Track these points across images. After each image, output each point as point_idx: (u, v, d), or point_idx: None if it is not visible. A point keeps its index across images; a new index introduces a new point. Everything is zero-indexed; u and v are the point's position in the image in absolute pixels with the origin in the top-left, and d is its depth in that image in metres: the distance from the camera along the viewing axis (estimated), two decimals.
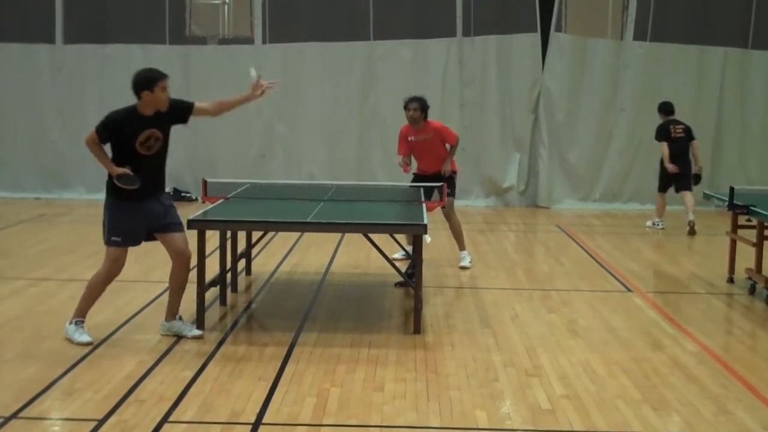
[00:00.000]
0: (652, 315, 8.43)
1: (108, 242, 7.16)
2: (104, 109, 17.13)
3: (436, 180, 9.84)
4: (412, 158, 10.44)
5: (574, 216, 15.34)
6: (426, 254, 8.28)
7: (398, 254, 10.08)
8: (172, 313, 7.38)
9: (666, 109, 13.93)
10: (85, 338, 7.07)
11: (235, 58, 16.26)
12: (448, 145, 10.45)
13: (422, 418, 5.63)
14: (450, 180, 10.23)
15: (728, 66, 16.36)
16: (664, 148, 13.66)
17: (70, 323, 7.18)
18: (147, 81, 7.41)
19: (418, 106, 10.29)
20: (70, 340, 7.07)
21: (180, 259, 7.29)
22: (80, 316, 7.20)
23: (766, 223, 8.89)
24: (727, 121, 16.39)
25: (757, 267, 9.09)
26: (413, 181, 10.43)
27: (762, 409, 5.89)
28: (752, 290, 9.17)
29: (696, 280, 10.05)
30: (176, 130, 7.56)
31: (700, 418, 5.68)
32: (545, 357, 6.97)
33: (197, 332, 7.33)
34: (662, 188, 13.91)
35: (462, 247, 10.64)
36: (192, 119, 7.70)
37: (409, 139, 10.33)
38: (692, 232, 13.23)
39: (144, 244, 7.50)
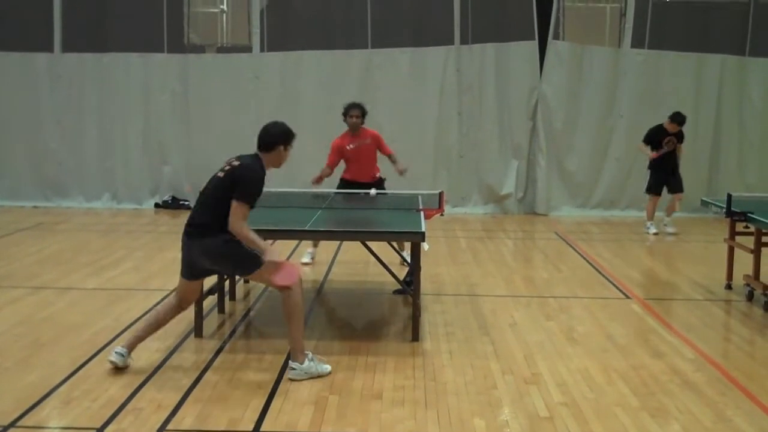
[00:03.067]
0: (650, 322, 8.43)
1: (260, 262, 6.45)
2: (103, 117, 17.18)
3: (366, 188, 10.24)
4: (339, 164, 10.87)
5: (572, 223, 15.35)
6: (424, 261, 8.27)
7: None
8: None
9: (679, 120, 13.86)
10: None
11: (234, 67, 16.32)
12: (389, 155, 10.88)
13: (420, 426, 5.63)
14: (381, 185, 10.70)
15: (726, 73, 16.38)
16: (644, 148, 14.06)
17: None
18: (287, 136, 6.95)
19: (359, 113, 10.74)
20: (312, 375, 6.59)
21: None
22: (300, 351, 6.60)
23: (763, 230, 8.90)
24: (725, 128, 16.41)
25: (755, 273, 9.10)
26: (340, 186, 10.75)
27: (761, 416, 5.90)
28: (750, 297, 9.18)
29: (694, 287, 10.05)
30: (175, 137, 7.58)
31: (698, 425, 5.68)
32: (543, 364, 6.97)
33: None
34: (655, 190, 14.10)
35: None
36: (188, 126, 7.77)
37: (348, 147, 10.71)
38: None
39: (146, 252, 7.48)
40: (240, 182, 6.48)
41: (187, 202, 16.00)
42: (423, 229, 7.56)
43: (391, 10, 16.49)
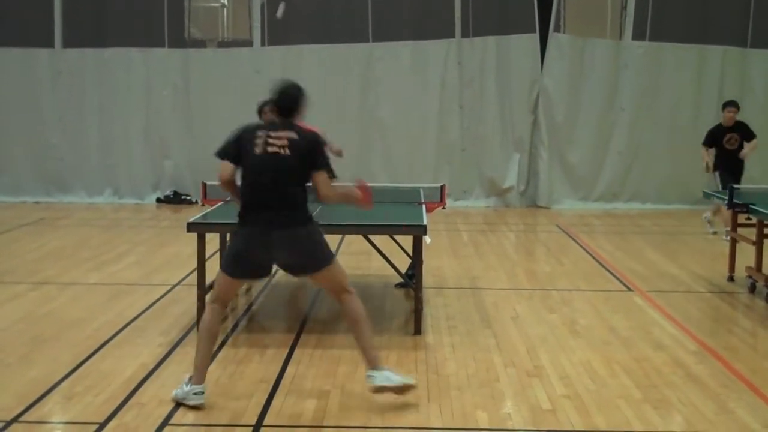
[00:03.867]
0: (652, 314, 8.42)
1: (331, 257, 6.02)
2: (104, 112, 17.20)
3: None
4: None
5: (574, 216, 15.34)
6: (426, 255, 8.27)
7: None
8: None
9: (731, 106, 12.71)
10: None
11: (235, 61, 16.32)
12: None
13: (423, 419, 5.63)
14: None
15: (727, 65, 16.35)
16: (705, 154, 12.71)
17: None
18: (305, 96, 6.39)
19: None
20: None
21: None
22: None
23: (765, 222, 8.89)
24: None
25: (757, 265, 9.09)
26: None
27: (763, 408, 5.89)
28: (752, 289, 9.17)
29: (696, 279, 10.04)
30: (176, 132, 7.54)
31: (701, 417, 5.68)
32: (546, 357, 6.97)
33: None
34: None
35: None
36: (189, 121, 7.65)
37: None
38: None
39: (148, 247, 7.46)
40: (316, 150, 5.93)
41: (189, 197, 16.00)
42: (425, 223, 7.57)
43: (392, 3, 16.49)
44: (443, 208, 9.73)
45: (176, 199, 16.09)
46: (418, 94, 16.14)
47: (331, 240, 11.16)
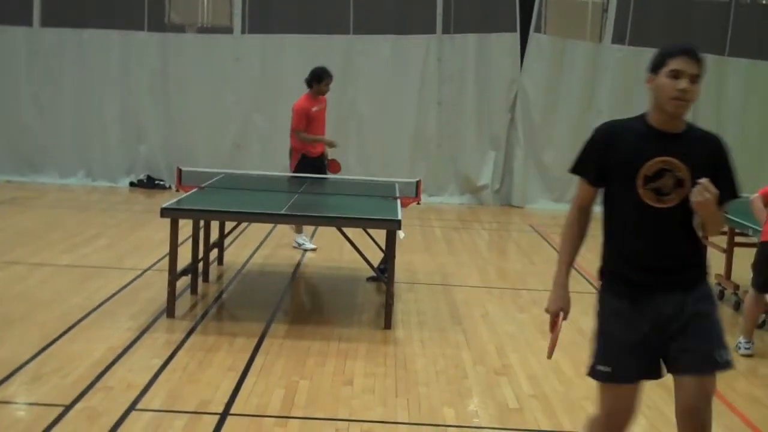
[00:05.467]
0: None
1: (592, 372, 4.10)
2: (81, 94, 17.03)
3: (321, 162, 10.46)
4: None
5: (547, 216, 15.38)
6: (398, 250, 8.28)
7: None
8: None
9: None
10: None
11: (214, 48, 16.24)
12: None
13: (390, 413, 5.65)
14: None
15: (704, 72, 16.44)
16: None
17: None
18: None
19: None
20: None
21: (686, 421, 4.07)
22: None
23: (736, 230, 8.96)
24: (702, 126, 16.47)
25: (726, 273, 9.16)
26: (303, 167, 10.43)
27: (726, 414, 5.95)
28: (721, 296, 9.24)
29: None
30: (152, 116, 7.48)
31: (665, 421, 5.72)
32: (514, 356, 7.00)
33: None
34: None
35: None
36: (166, 106, 7.49)
37: (313, 109, 10.59)
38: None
39: (120, 230, 7.42)
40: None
41: (162, 182, 15.91)
42: (399, 217, 7.58)
43: None
44: (418, 203, 9.74)
45: (150, 184, 16.01)
46: (397, 88, 16.12)
47: (305, 231, 11.23)
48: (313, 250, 10.71)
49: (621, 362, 3.96)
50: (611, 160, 3.95)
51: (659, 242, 3.91)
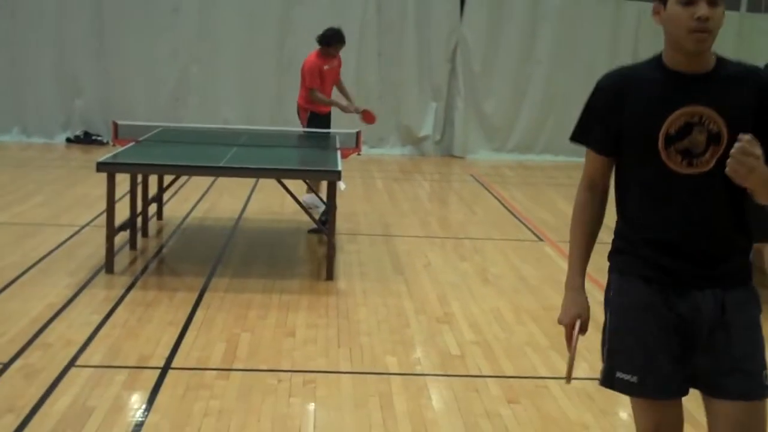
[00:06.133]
0: (562, 264, 8.53)
1: (609, 380, 3.19)
2: (13, 46, 16.43)
3: (330, 117, 10.01)
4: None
5: (488, 166, 15.44)
6: (340, 201, 8.26)
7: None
8: None
9: None
10: None
11: None
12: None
13: (333, 363, 5.66)
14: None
15: (643, 19, 16.53)
16: None
17: None
18: None
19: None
20: None
21: None
22: None
23: None
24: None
25: None
26: (316, 124, 9.90)
27: None
28: None
29: (607, 232, 10.17)
30: (88, 70, 7.29)
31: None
32: (456, 304, 7.04)
33: None
34: None
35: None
36: (100, 58, 7.22)
37: (325, 67, 9.94)
38: None
39: (56, 187, 7.27)
40: None
41: (100, 137, 15.63)
42: (339, 168, 7.55)
43: None
44: (358, 154, 9.72)
45: (87, 140, 15.73)
46: None
47: (245, 183, 11.15)
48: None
49: (652, 369, 3.04)
50: (623, 118, 3.06)
51: (692, 220, 3.00)
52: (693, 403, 3.24)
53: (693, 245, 3.01)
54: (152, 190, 9.15)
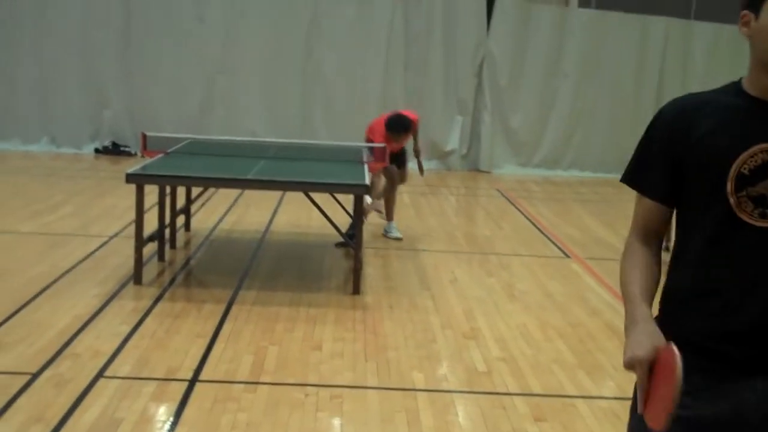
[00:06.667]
0: (588, 281, 8.52)
1: None
2: (41, 57, 16.64)
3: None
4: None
5: (514, 181, 15.43)
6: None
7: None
8: None
9: None
10: None
11: (177, 7, 15.95)
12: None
13: (359, 378, 5.65)
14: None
15: (671, 36, 16.51)
16: None
17: None
18: None
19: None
20: None
21: None
22: None
23: None
24: (668, 91, 16.50)
25: None
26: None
27: None
28: None
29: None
30: (116, 81, 7.38)
31: (633, 383, 5.75)
32: (483, 320, 7.02)
33: None
34: None
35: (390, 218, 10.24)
36: (126, 68, 7.25)
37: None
38: None
39: (85, 197, 7.31)
40: None
41: (128, 148, 15.74)
42: (366, 182, 7.56)
43: None
44: (385, 168, 9.71)
45: (115, 150, 15.84)
46: (364, 51, 16.01)
47: (272, 196, 11.18)
48: (398, 239, 10.04)
49: None
50: (687, 155, 2.43)
51: (762, 285, 2.36)
52: None
53: (761, 316, 2.36)
54: (180, 202, 9.19)
